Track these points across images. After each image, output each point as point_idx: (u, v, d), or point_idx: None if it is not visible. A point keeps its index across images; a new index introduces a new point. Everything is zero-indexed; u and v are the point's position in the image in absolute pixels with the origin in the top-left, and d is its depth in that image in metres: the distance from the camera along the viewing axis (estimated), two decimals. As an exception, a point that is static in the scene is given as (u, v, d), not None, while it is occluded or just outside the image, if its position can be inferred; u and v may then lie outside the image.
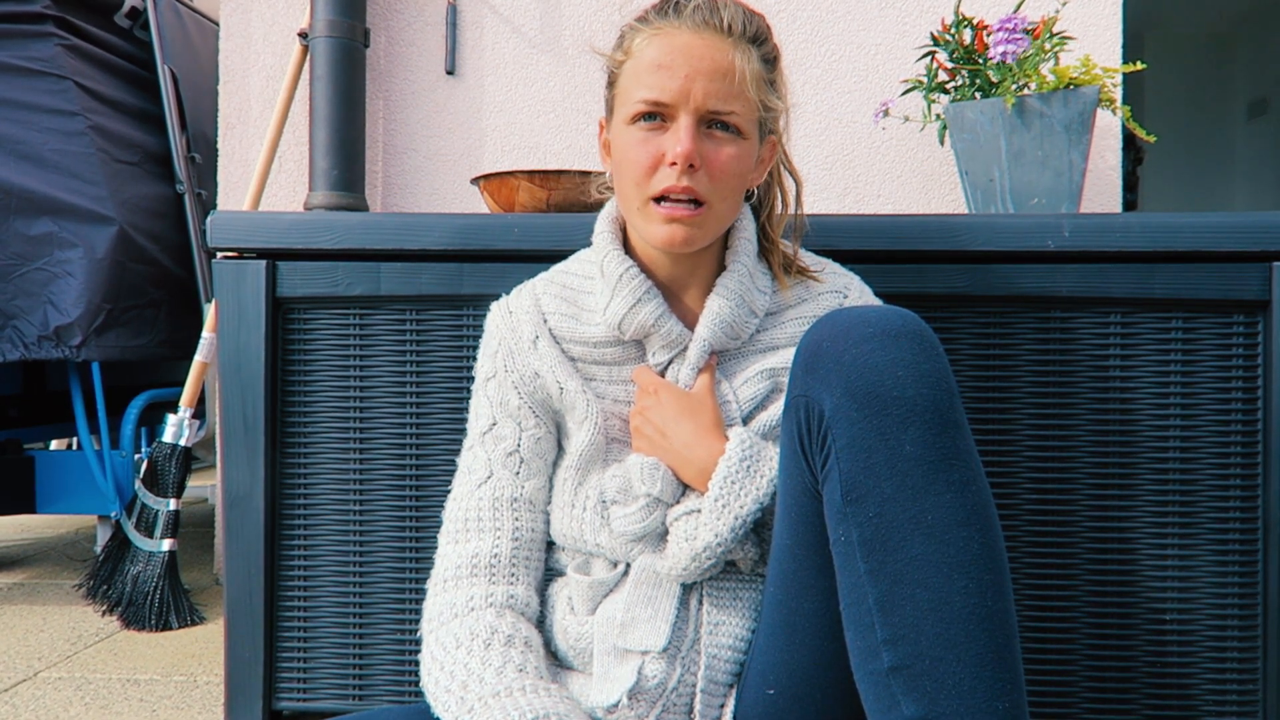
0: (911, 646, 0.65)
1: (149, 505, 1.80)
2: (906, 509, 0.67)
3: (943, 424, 0.68)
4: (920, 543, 0.66)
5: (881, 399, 0.68)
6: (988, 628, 0.65)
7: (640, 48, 0.84)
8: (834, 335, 0.73)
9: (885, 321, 0.72)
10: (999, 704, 0.64)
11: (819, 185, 1.79)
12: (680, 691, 0.83)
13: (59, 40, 1.95)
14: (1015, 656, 0.66)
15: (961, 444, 0.69)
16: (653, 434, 0.87)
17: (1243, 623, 1.09)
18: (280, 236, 1.13)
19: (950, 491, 0.67)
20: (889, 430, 0.68)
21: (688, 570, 0.83)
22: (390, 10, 1.86)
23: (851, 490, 0.69)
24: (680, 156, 0.81)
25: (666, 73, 0.82)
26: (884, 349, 0.70)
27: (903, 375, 0.69)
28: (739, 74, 0.82)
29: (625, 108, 0.85)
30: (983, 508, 0.68)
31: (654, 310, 0.88)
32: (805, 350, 0.75)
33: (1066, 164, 1.24)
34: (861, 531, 0.68)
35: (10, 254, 1.88)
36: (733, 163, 0.84)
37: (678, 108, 0.82)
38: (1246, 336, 1.09)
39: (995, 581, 0.66)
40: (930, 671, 0.65)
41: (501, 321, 0.94)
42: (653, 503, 0.86)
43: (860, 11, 1.79)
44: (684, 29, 0.82)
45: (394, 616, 1.14)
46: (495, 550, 0.88)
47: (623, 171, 0.86)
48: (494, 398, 0.93)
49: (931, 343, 0.71)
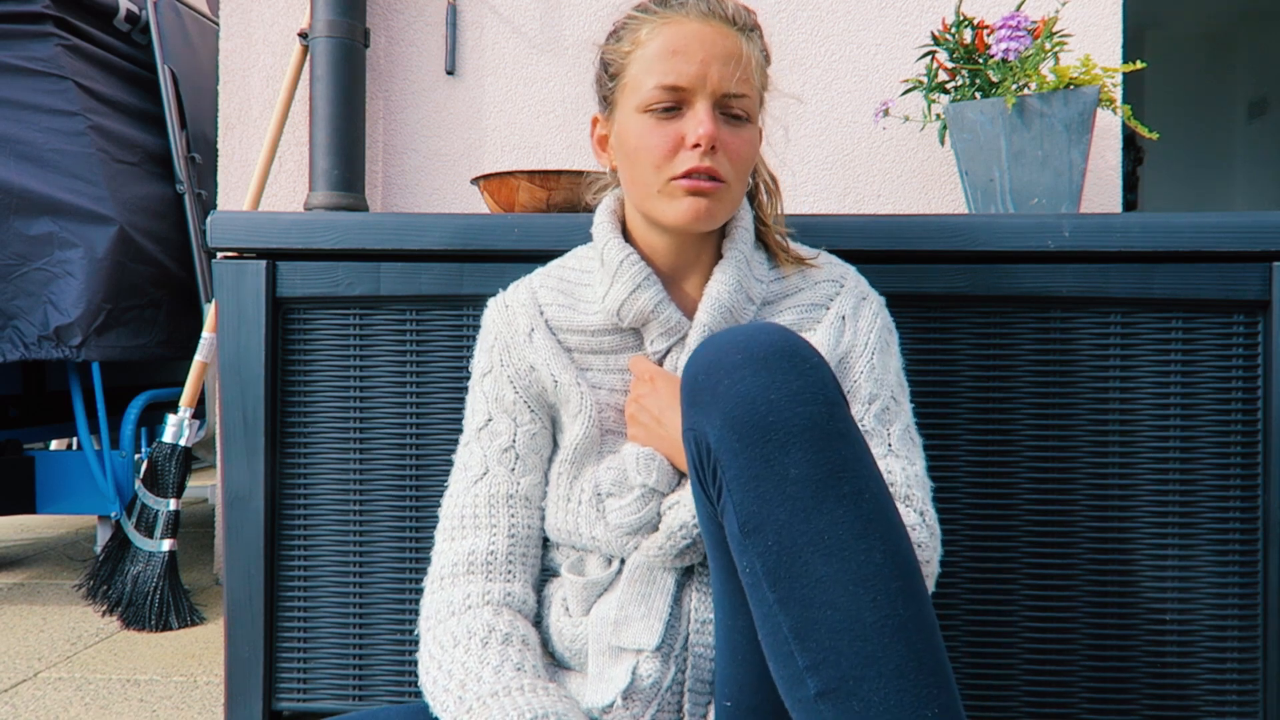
0: (833, 670, 0.65)
1: (149, 505, 1.80)
2: (803, 532, 0.66)
3: (824, 439, 0.68)
4: (822, 563, 0.66)
5: (759, 426, 0.68)
6: (904, 636, 0.65)
7: (649, 37, 0.85)
8: (707, 366, 0.72)
9: (753, 345, 0.71)
10: (928, 711, 0.64)
11: (819, 185, 1.79)
12: (674, 690, 0.82)
13: (59, 40, 1.95)
14: (939, 659, 0.66)
15: (847, 452, 0.68)
16: (648, 422, 0.87)
17: (1242, 623, 1.09)
18: (280, 236, 1.13)
19: (843, 505, 0.67)
20: (771, 456, 0.67)
21: (664, 550, 0.83)
22: (390, 10, 1.86)
23: (747, 522, 0.68)
24: (704, 138, 0.82)
25: (682, 58, 0.83)
26: (754, 374, 0.69)
27: (775, 398, 0.68)
28: (748, 60, 0.84)
29: (637, 96, 0.86)
30: (879, 514, 0.67)
31: (653, 296, 0.88)
32: (686, 383, 0.74)
33: (1066, 164, 1.24)
34: (764, 561, 0.68)
35: (10, 254, 1.88)
36: (747, 146, 0.86)
37: (695, 92, 0.83)
38: (1246, 336, 1.09)
39: (904, 588, 0.66)
40: (856, 691, 0.64)
41: (497, 316, 0.94)
42: (648, 493, 0.86)
43: (860, 11, 1.79)
44: (692, 17, 0.84)
45: (394, 616, 1.14)
46: (491, 547, 0.88)
47: (637, 159, 0.86)
48: (489, 393, 0.93)
49: (803, 357, 0.71)
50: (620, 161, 0.90)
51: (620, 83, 0.88)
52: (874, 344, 0.91)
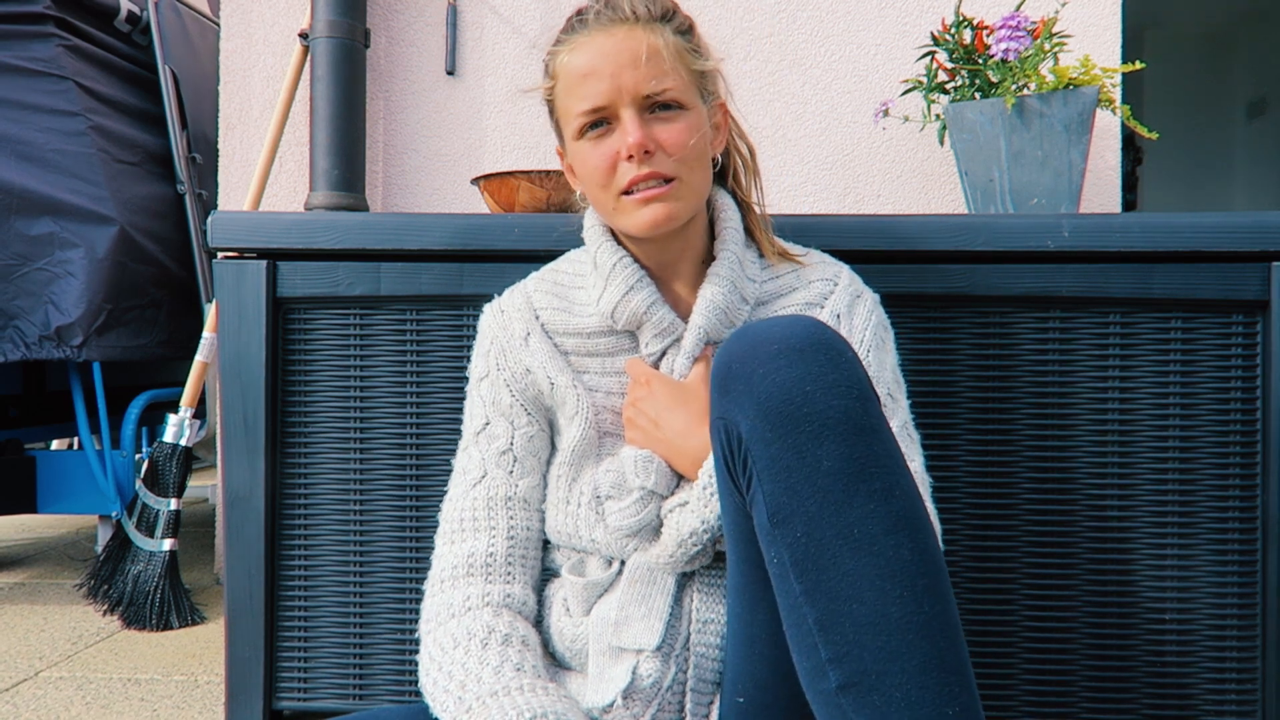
0: (856, 663, 0.65)
1: (150, 505, 1.80)
2: (833, 525, 0.67)
3: (858, 433, 0.68)
4: (850, 557, 0.66)
5: (793, 417, 0.68)
6: (928, 634, 0.65)
7: (563, 67, 0.87)
8: (742, 355, 0.72)
9: (790, 336, 0.71)
10: (949, 710, 0.64)
11: (819, 185, 1.79)
12: (674, 690, 0.83)
13: (60, 41, 1.96)
14: (961, 658, 0.66)
15: (879, 448, 0.68)
16: (646, 425, 0.87)
17: (1242, 623, 1.09)
18: (280, 236, 1.13)
19: (874, 501, 0.67)
20: (804, 447, 0.67)
21: (675, 557, 0.83)
22: (390, 10, 1.86)
23: (777, 512, 0.68)
24: (632, 147, 0.83)
25: (593, 79, 0.84)
26: (790, 365, 0.69)
27: (811, 390, 0.68)
28: (658, 51, 0.84)
29: (570, 125, 0.88)
30: (909, 511, 0.67)
31: (646, 298, 0.89)
32: (717, 371, 0.74)
33: (1066, 164, 1.25)
34: (792, 553, 0.68)
35: (11, 254, 1.89)
36: (685, 134, 0.85)
37: (616, 106, 0.84)
38: (1246, 337, 1.09)
39: (930, 586, 0.66)
40: (877, 686, 0.64)
41: (493, 321, 0.95)
42: (647, 495, 0.86)
43: (860, 11, 1.79)
44: (595, 34, 0.85)
45: (394, 616, 1.14)
46: (491, 549, 0.88)
47: (589, 182, 0.88)
48: (487, 397, 0.93)
49: (839, 351, 0.71)
50: (582, 188, 0.92)
51: (556, 117, 0.91)
52: (870, 341, 0.91)
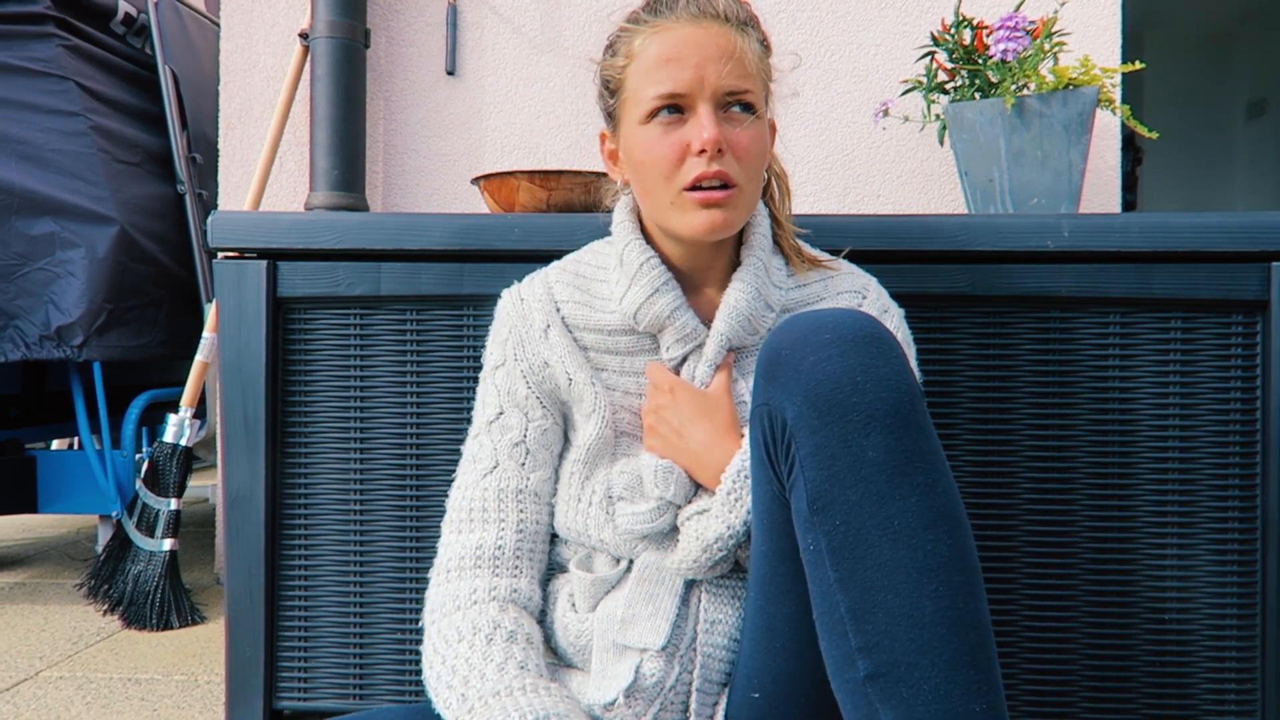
0: (886, 654, 0.65)
1: (150, 505, 1.80)
2: (873, 515, 0.67)
3: (904, 427, 0.68)
4: (888, 548, 0.66)
5: (842, 406, 0.68)
6: (961, 630, 0.65)
7: (643, 47, 0.84)
8: (792, 343, 0.72)
9: (842, 326, 0.71)
10: (976, 706, 0.64)
11: (819, 185, 1.79)
12: (677, 690, 0.83)
13: (60, 41, 1.96)
14: (990, 656, 0.66)
15: (924, 445, 0.68)
16: (668, 434, 0.87)
17: (1241, 623, 1.09)
18: (281, 236, 1.13)
19: (915, 494, 0.67)
20: (851, 437, 0.68)
21: (698, 563, 0.83)
22: (390, 10, 1.86)
23: (817, 499, 0.69)
24: (708, 142, 0.81)
25: (677, 65, 0.82)
26: (842, 355, 0.70)
27: (861, 380, 0.68)
28: (745, 54, 0.83)
29: (638, 108, 0.85)
30: (949, 508, 0.68)
31: (671, 301, 0.87)
32: (765, 358, 0.74)
33: (1066, 164, 1.25)
34: (829, 540, 0.68)
35: (12, 254, 1.89)
36: (755, 142, 0.84)
37: (694, 96, 0.83)
38: (1245, 337, 1.09)
39: (966, 583, 0.66)
40: (906, 678, 0.64)
41: (513, 309, 0.93)
42: (664, 505, 0.86)
43: (860, 11, 1.79)
44: (683, 22, 0.83)
45: (395, 616, 1.14)
46: (499, 542, 0.88)
47: (646, 171, 0.85)
48: (502, 386, 0.92)
49: (889, 345, 0.71)
50: (631, 175, 0.89)
51: (621, 97, 0.88)
52: None
